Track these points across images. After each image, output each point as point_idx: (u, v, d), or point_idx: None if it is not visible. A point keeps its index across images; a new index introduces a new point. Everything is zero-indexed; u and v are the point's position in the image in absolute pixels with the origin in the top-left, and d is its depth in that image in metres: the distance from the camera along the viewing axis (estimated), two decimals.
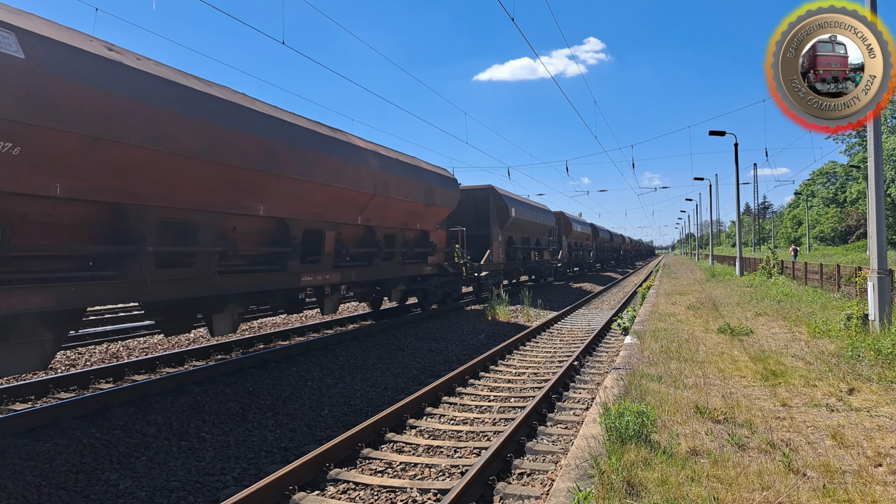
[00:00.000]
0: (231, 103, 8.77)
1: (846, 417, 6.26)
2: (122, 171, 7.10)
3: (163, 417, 7.56)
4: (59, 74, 6.14)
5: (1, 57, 5.62)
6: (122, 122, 6.85)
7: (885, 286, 10.36)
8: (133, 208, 7.39)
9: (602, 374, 10.21)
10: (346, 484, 5.77)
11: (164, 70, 7.89)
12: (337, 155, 11.47)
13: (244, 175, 8.94)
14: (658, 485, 4.47)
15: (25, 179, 6.10)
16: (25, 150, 5.97)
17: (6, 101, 5.69)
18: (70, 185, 6.57)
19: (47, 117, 6.05)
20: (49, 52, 6.13)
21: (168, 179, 7.75)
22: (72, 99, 6.27)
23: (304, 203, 10.75)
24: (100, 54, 6.80)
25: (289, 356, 11.31)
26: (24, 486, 5.51)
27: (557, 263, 35.74)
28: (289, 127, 10.11)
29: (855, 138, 63.77)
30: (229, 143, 8.48)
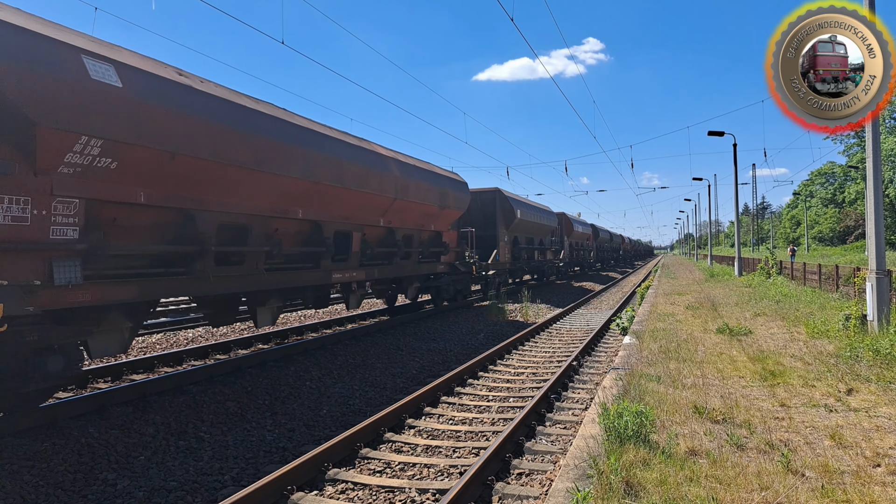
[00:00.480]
0: (276, 119, 9.93)
1: (845, 418, 6.26)
2: (192, 182, 8.23)
3: (161, 417, 7.55)
4: (146, 100, 7.23)
5: (105, 87, 6.68)
6: (193, 138, 7.96)
7: (884, 286, 10.36)
8: (199, 213, 8.47)
9: (601, 375, 10.21)
10: (344, 484, 5.76)
11: (222, 90, 9.12)
12: (364, 163, 12.59)
13: (287, 182, 10.02)
14: (657, 485, 4.46)
15: (119, 189, 7.26)
16: (121, 164, 7.10)
17: (110, 124, 6.78)
18: (151, 193, 7.69)
19: (137, 136, 7.13)
20: (138, 81, 7.22)
21: (227, 188, 8.89)
22: (156, 120, 7.36)
23: (335, 207, 11.88)
24: (174, 79, 7.94)
25: (287, 356, 11.30)
26: (22, 486, 5.50)
27: (559, 263, 36.45)
28: (323, 138, 11.24)
29: (853, 139, 63.82)
30: (276, 154, 9.60)
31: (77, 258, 6.78)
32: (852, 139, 64.17)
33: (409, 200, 14.87)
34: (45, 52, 6.22)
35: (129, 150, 7.09)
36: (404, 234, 15.68)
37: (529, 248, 29.51)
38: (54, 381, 6.82)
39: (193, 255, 8.45)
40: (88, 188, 6.89)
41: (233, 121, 8.74)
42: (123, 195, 7.32)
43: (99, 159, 6.83)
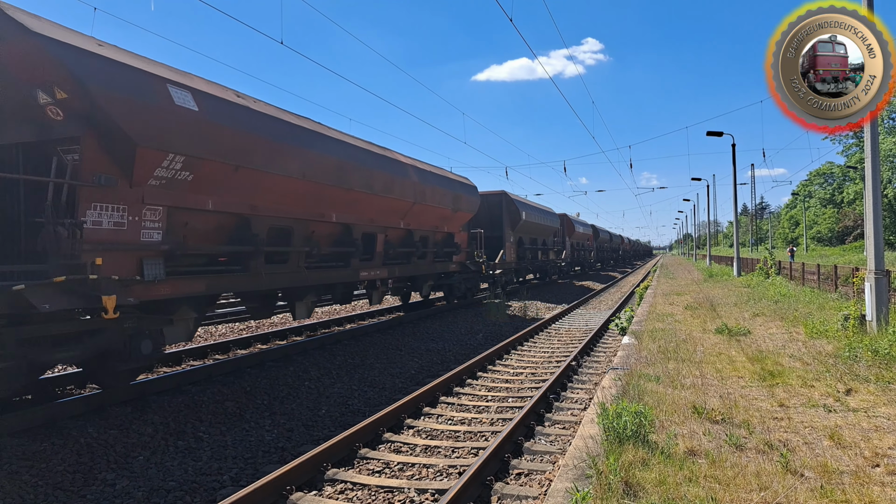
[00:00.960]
0: (316, 133, 11.21)
1: (844, 418, 6.26)
2: (249, 190, 9.47)
3: (160, 417, 7.55)
4: (216, 120, 8.43)
5: (185, 111, 7.86)
6: (252, 152, 9.15)
7: (883, 287, 10.37)
8: (253, 218, 9.70)
9: (600, 375, 10.21)
10: (343, 484, 5.76)
11: (271, 109, 10.32)
12: (388, 170, 13.92)
13: (324, 190, 11.27)
14: (656, 485, 4.47)
15: (193, 198, 8.46)
16: (196, 177, 8.29)
17: (189, 142, 7.97)
18: (217, 201, 8.91)
19: (209, 152, 8.31)
20: (209, 104, 8.44)
21: (276, 195, 10.10)
22: (223, 138, 8.56)
23: (363, 211, 13.16)
24: (235, 101, 9.20)
25: (286, 356, 11.30)
26: (21, 486, 5.50)
27: (561, 263, 37.61)
28: (354, 149, 12.54)
29: (852, 139, 63.85)
30: (316, 165, 10.84)
31: (161, 257, 7.99)
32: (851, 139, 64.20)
33: (426, 204, 16.15)
34: (142, 84, 7.43)
35: (203, 164, 8.30)
36: (421, 236, 16.83)
37: (533, 248, 30.48)
38: (144, 361, 8.12)
39: (249, 255, 9.67)
40: (170, 197, 8.08)
41: (282, 136, 9.95)
42: (196, 203, 8.54)
43: (180, 173, 8.05)
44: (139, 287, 7.56)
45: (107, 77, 6.99)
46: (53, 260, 6.72)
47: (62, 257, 6.73)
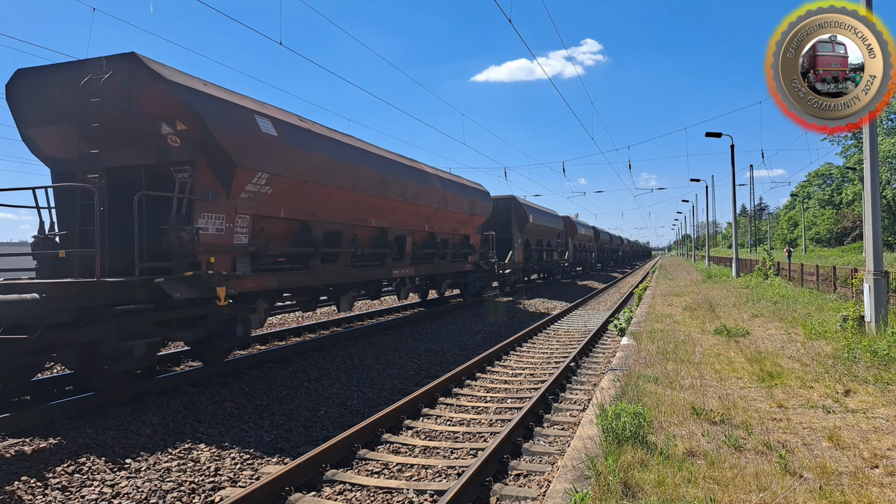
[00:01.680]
0: (361, 149, 13.22)
1: (842, 419, 6.26)
2: (312, 200, 11.27)
3: (158, 418, 7.54)
4: (290, 143, 10.29)
5: (268, 136, 9.72)
6: (315, 168, 10.97)
7: (881, 288, 10.37)
8: (313, 223, 11.52)
9: (599, 376, 10.21)
10: (342, 485, 5.76)
11: (325, 130, 12.20)
12: (417, 180, 15.93)
13: (367, 199, 13.21)
14: (655, 486, 4.46)
15: (271, 207, 10.25)
16: (274, 190, 10.10)
17: (271, 162, 9.78)
18: (287, 209, 10.72)
19: (285, 170, 10.13)
20: (284, 129, 10.30)
21: (331, 204, 11.94)
22: (295, 157, 10.42)
23: (396, 216, 15.06)
24: (302, 126, 11.09)
25: (285, 356, 11.29)
26: (19, 487, 5.48)
27: (565, 263, 39.28)
28: (391, 162, 14.63)
29: (851, 140, 63.89)
30: (362, 177, 12.74)
31: (248, 257, 9.83)
32: (850, 140, 64.26)
33: (447, 210, 18.08)
34: (239, 115, 9.29)
35: (280, 179, 10.08)
36: (442, 238, 18.73)
37: (539, 249, 32.32)
38: (238, 342, 10.20)
39: (309, 255, 11.45)
40: (255, 207, 9.84)
41: (336, 153, 11.84)
42: (272, 212, 10.32)
43: (263, 187, 9.81)
44: (234, 281, 9.30)
45: (216, 111, 8.78)
46: (177, 259, 8.38)
47: (184, 257, 8.45)
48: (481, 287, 22.93)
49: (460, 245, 20.51)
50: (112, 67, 8.47)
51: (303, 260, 11.48)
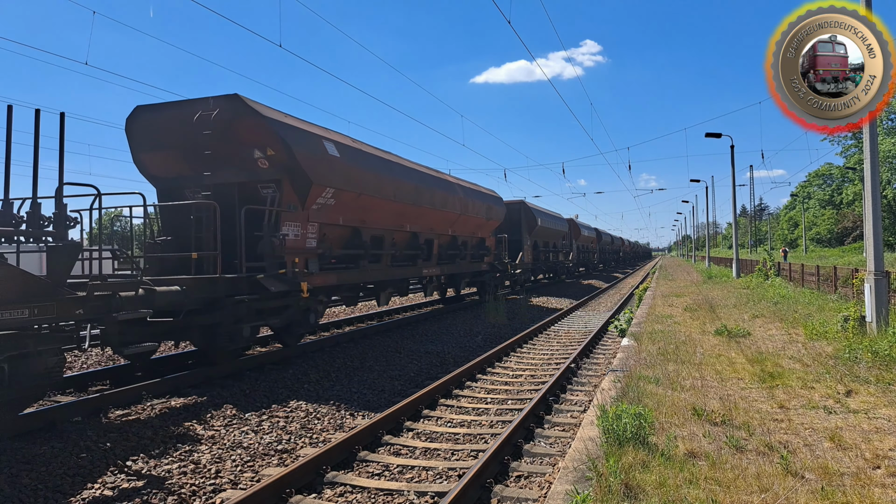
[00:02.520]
0: (401, 165, 15.60)
1: (844, 419, 6.26)
2: (363, 210, 13.34)
3: (159, 420, 7.53)
4: (349, 162, 12.38)
5: (333, 157, 11.73)
6: (366, 182, 13.04)
7: (882, 288, 10.36)
8: (362, 229, 13.64)
9: (599, 377, 10.20)
10: (343, 487, 5.75)
11: (371, 149, 14.42)
12: (443, 189, 18.07)
13: (404, 208, 15.37)
14: (656, 487, 4.46)
15: (333, 216, 12.29)
16: (337, 202, 12.12)
17: (336, 179, 11.76)
18: (344, 217, 12.76)
19: (345, 185, 12.16)
20: (344, 151, 12.38)
21: (377, 213, 14.03)
22: (352, 174, 12.49)
23: (426, 222, 17.06)
24: (355, 146, 13.31)
25: (285, 358, 11.27)
26: (20, 490, 5.48)
27: (569, 264, 41.14)
28: (423, 175, 16.87)
29: (851, 140, 63.88)
30: (401, 188, 14.93)
31: (316, 258, 11.86)
32: (850, 140, 64.25)
33: (468, 215, 20.10)
34: (313, 141, 11.37)
35: (342, 193, 12.12)
36: (462, 240, 20.73)
37: (546, 250, 34.24)
38: (312, 328, 12.50)
39: (359, 256, 13.56)
40: (321, 217, 11.85)
41: (381, 169, 14.05)
42: (334, 220, 12.37)
43: (329, 200, 11.79)
44: (308, 278, 11.18)
45: (298, 139, 10.82)
46: (269, 260, 10.29)
47: (275, 258, 10.40)
48: (495, 286, 24.46)
49: (477, 247, 22.40)
50: (219, 106, 10.43)
51: (354, 260, 13.58)
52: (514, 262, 26.30)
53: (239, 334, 9.96)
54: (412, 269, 16.55)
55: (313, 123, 12.15)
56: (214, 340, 9.66)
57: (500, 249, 24.51)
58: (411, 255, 16.58)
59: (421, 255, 16.93)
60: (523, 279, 29.19)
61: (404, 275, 16.13)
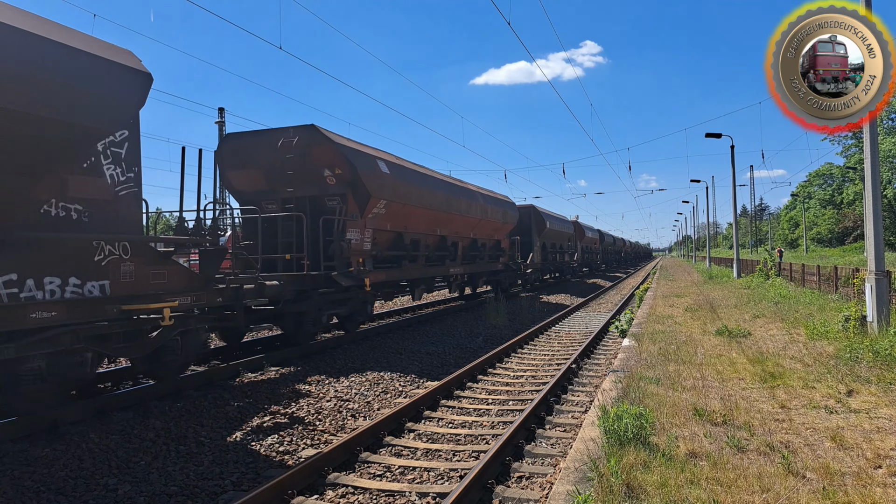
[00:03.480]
0: (434, 177, 18.20)
1: (845, 419, 6.26)
2: (405, 217, 15.76)
3: (161, 422, 7.54)
4: (397, 178, 14.81)
5: (385, 174, 14.05)
6: (409, 194, 15.53)
7: (883, 287, 10.37)
8: (404, 233, 16.08)
9: (600, 377, 10.20)
10: (344, 488, 5.75)
11: (412, 164, 17.10)
12: (466, 197, 20.55)
13: (437, 214, 17.84)
14: (657, 487, 4.47)
15: (382, 223, 14.61)
16: (387, 211, 14.57)
17: (387, 192, 14.14)
18: (391, 224, 15.11)
19: (394, 197, 14.57)
20: (392, 168, 14.82)
21: (415, 219, 16.44)
22: (399, 187, 14.93)
23: (453, 226, 19.52)
24: (399, 164, 15.69)
25: (286, 360, 11.28)
26: (23, 492, 5.49)
27: (574, 264, 43.10)
28: (451, 185, 19.54)
29: (851, 140, 63.84)
30: (435, 198, 17.48)
31: (371, 258, 14.15)
32: (850, 140, 64.19)
33: (487, 219, 22.49)
34: (371, 161, 13.82)
35: (391, 204, 14.61)
36: (482, 242, 22.86)
37: (553, 251, 36.35)
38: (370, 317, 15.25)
39: (401, 257, 16.01)
40: (374, 223, 14.25)
41: (420, 182, 16.55)
42: (383, 226, 14.72)
43: (381, 210, 14.26)
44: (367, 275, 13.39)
45: (360, 160, 13.28)
46: (339, 260, 12.59)
47: (342, 259, 12.70)
48: (510, 284, 26.83)
49: (494, 248, 24.46)
50: (298, 134, 12.82)
51: (397, 261, 15.87)
52: (525, 262, 28.25)
53: (319, 320, 12.60)
54: (441, 269, 18.78)
55: (368, 145, 14.69)
56: (301, 325, 12.12)
57: (513, 250, 26.54)
58: (441, 256, 18.86)
59: (448, 256, 19.29)
60: (533, 278, 31.27)
61: (435, 273, 18.43)
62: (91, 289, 7.13)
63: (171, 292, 8.12)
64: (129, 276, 7.57)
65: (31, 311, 6.41)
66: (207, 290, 8.81)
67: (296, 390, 9.28)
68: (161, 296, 7.95)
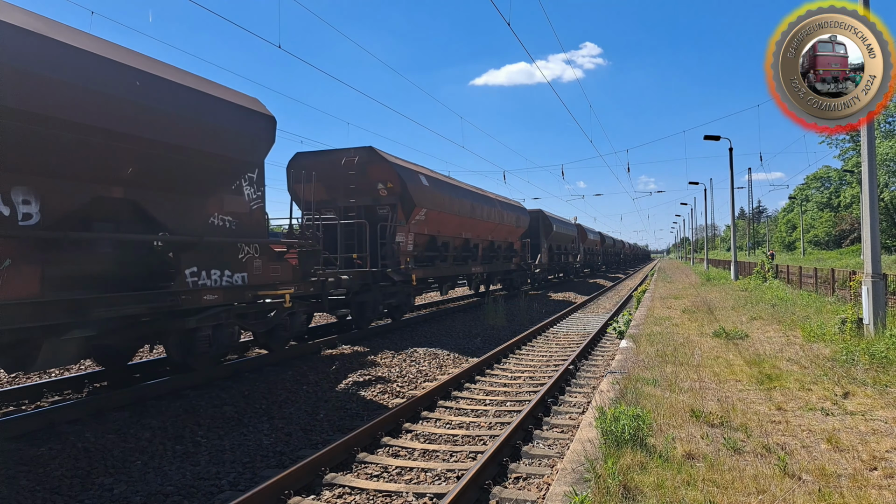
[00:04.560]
0: (462, 188, 21.02)
1: (841, 421, 6.27)
2: (440, 223, 18.29)
3: (158, 422, 7.53)
4: (434, 189, 17.66)
5: (425, 187, 16.94)
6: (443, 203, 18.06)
7: (880, 290, 10.38)
8: (437, 237, 18.69)
9: (598, 378, 10.21)
10: (341, 488, 5.75)
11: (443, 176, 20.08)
12: (486, 204, 23.24)
13: (463, 220, 20.45)
14: (654, 489, 4.47)
15: (422, 228, 17.21)
16: (427, 218, 17.19)
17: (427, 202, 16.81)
18: (428, 229, 17.67)
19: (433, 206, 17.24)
20: (431, 181, 17.75)
21: (446, 224, 19.05)
22: (437, 197, 17.70)
23: (475, 230, 22.29)
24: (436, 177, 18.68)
25: (284, 360, 11.28)
26: (19, 491, 5.48)
27: (577, 264, 45.58)
28: (475, 194, 22.33)
29: (849, 143, 63.93)
30: (462, 206, 20.03)
31: (413, 259, 16.60)
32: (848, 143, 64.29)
33: (503, 224, 25.18)
34: (415, 176, 16.45)
35: (430, 212, 17.03)
36: (498, 244, 25.44)
37: (559, 252, 39.15)
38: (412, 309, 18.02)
39: (435, 257, 18.66)
40: (416, 228, 16.67)
41: (450, 192, 19.24)
42: (422, 231, 17.28)
43: (422, 217, 16.69)
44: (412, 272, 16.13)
45: (407, 175, 16.00)
46: (391, 259, 15.16)
47: (394, 258, 15.33)
48: (521, 282, 29.46)
49: (507, 250, 27.01)
50: (358, 154, 15.78)
51: (431, 261, 18.41)
52: (534, 263, 31.08)
53: (377, 309, 15.17)
54: (465, 268, 21.39)
55: (411, 162, 17.66)
56: (363, 312, 14.74)
57: (524, 252, 29.36)
58: (465, 256, 21.57)
59: (471, 257, 22.08)
60: (541, 277, 34.00)
61: (461, 271, 21.13)
62: (237, 279, 9.57)
63: (284, 283, 10.64)
64: (258, 269, 10.02)
65: (204, 294, 8.77)
66: (305, 281, 11.30)
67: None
68: (278, 285, 10.45)
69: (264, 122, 9.87)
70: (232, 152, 9.07)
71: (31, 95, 6.12)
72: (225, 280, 9.25)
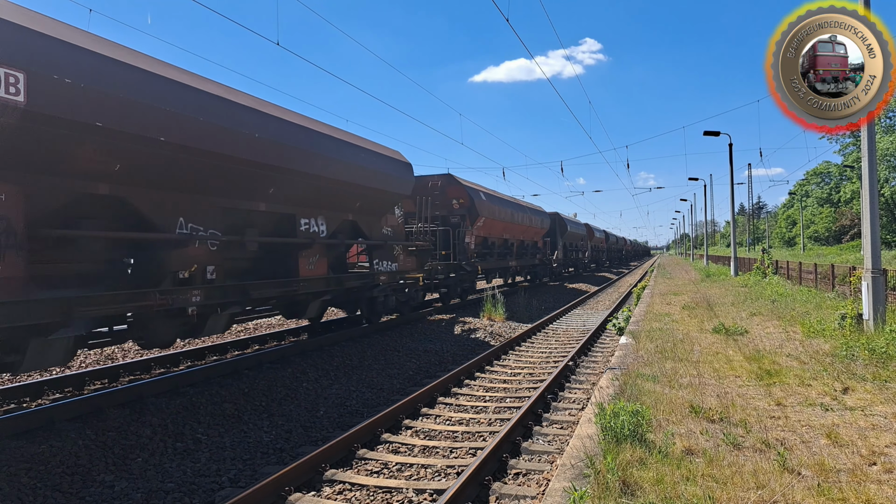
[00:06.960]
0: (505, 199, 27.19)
1: (841, 416, 6.28)
2: (493, 228, 24.96)
3: (158, 419, 7.54)
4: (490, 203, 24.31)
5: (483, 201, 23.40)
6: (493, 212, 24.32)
7: (879, 286, 10.39)
8: (488, 237, 24.98)
9: (597, 374, 10.22)
10: (341, 485, 5.77)
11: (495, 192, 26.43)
12: (520, 211, 28.57)
13: (506, 225, 26.23)
14: (653, 484, 4.48)
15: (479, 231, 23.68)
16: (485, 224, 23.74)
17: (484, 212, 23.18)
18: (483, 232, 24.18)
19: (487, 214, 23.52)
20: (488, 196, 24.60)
21: (494, 227, 25.07)
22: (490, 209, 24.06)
23: (512, 232, 27.68)
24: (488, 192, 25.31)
25: (284, 357, 11.29)
26: (20, 488, 5.49)
27: (585, 260, 50.41)
28: (514, 203, 28.28)
29: (849, 138, 63.89)
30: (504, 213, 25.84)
31: (475, 255, 23.11)
32: (848, 139, 64.26)
33: (532, 226, 30.92)
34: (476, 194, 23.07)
35: (486, 220, 23.35)
36: (527, 243, 31.14)
37: (571, 249, 43.90)
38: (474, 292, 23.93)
39: (487, 254, 24.56)
40: (476, 232, 22.91)
41: (498, 202, 25.06)
42: (480, 233, 23.45)
43: (480, 224, 22.98)
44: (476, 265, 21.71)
45: (473, 193, 22.31)
46: (462, 255, 20.74)
47: (464, 255, 20.94)
48: (543, 275, 34.58)
49: (533, 247, 32.51)
50: (441, 179, 21.92)
51: (484, 257, 23.89)
52: (553, 258, 36.43)
53: (456, 290, 20.88)
54: (504, 262, 26.33)
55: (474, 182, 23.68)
56: (449, 292, 20.26)
57: (545, 249, 35.21)
58: (504, 253, 26.85)
59: (509, 253, 27.38)
60: (557, 271, 39.67)
61: (502, 265, 26.16)
62: (392, 266, 14.94)
63: (413, 270, 16.14)
64: (401, 261, 15.49)
65: (380, 276, 14.22)
66: (422, 269, 16.82)
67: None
68: (411, 271, 16.02)
69: (406, 167, 15.27)
70: (394, 188, 14.23)
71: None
72: (386, 267, 14.70)
